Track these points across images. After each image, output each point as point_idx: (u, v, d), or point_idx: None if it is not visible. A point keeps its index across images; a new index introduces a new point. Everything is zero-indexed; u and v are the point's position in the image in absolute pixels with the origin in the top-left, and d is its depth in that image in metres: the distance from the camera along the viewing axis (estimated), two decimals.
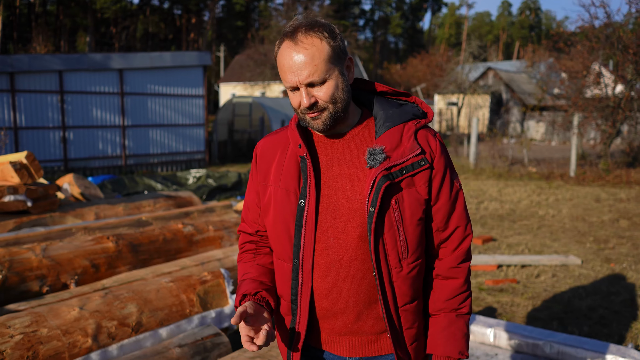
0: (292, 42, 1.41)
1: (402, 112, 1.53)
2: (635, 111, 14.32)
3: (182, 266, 4.07)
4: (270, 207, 1.54)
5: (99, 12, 47.49)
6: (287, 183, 1.51)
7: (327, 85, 1.42)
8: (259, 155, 1.63)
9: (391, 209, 1.44)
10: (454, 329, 1.55)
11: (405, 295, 1.50)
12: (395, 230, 1.45)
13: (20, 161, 5.22)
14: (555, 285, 5.13)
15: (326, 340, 1.56)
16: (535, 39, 72.43)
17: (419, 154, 1.46)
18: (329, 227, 1.47)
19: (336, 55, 1.43)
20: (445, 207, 1.52)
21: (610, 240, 7.05)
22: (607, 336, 3.93)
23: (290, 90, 1.46)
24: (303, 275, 1.49)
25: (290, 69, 1.41)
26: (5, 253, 3.54)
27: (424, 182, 1.47)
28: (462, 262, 1.56)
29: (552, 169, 15.11)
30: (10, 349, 2.43)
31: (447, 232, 1.55)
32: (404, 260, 1.47)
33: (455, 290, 1.55)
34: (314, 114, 1.44)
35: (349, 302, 1.48)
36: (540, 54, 31.81)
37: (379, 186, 1.41)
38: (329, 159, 1.51)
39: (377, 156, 1.44)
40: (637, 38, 13.53)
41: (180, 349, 2.77)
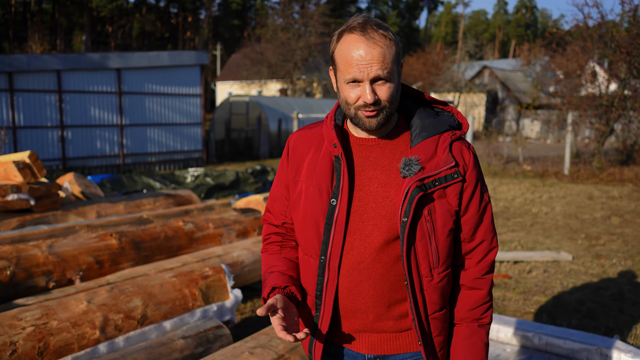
0: (363, 37, 1.39)
1: (439, 122, 1.53)
2: (628, 110, 14.47)
3: (184, 262, 4.19)
4: (301, 203, 1.56)
5: (95, 11, 47.44)
6: (319, 181, 1.52)
7: (389, 85, 1.42)
8: (292, 148, 1.63)
9: (423, 219, 1.45)
10: (476, 339, 1.57)
11: (435, 304, 1.52)
12: (427, 240, 1.46)
13: (23, 160, 5.33)
14: (546, 281, 5.27)
15: (346, 336, 1.59)
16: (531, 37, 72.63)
17: (453, 167, 1.47)
18: (356, 229, 1.49)
19: (397, 59, 1.43)
20: (473, 219, 1.53)
21: (601, 237, 7.20)
22: (594, 328, 4.07)
23: (348, 84, 1.43)
24: (329, 273, 1.51)
25: (358, 62, 1.39)
26: (13, 250, 3.66)
27: (456, 194, 1.49)
28: (486, 273, 1.58)
29: (546, 167, 15.27)
30: (22, 340, 2.55)
31: (474, 244, 1.57)
32: (435, 269, 1.49)
33: (479, 301, 1.58)
34: (372, 112, 1.43)
35: (369, 302, 1.51)
36: (535, 53, 31.98)
37: (412, 197, 1.42)
38: (363, 162, 1.52)
39: (412, 167, 1.44)
40: (630, 37, 13.68)
41: (183, 340, 2.89)
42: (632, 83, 14.25)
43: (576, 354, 3.46)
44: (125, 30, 50.05)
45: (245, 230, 5.19)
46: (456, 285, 1.60)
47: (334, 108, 1.61)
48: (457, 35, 74.36)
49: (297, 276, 1.63)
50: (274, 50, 31.86)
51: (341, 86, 1.46)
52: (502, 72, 33.89)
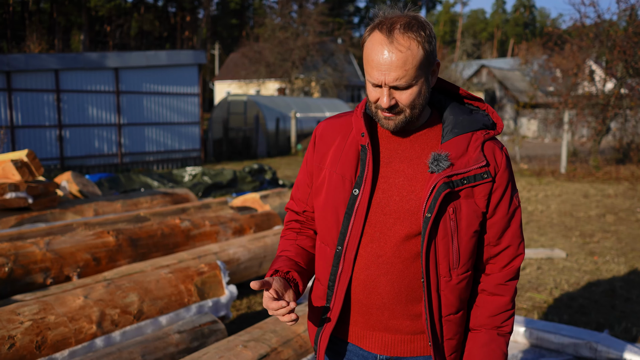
0: (387, 39, 1.34)
1: (473, 120, 1.49)
2: (624, 108, 14.55)
3: (180, 259, 4.24)
4: (323, 190, 1.53)
5: (93, 10, 47.42)
6: (343, 169, 1.49)
7: (411, 91, 1.38)
8: (319, 136, 1.60)
9: (447, 217, 1.41)
10: (494, 347, 1.50)
11: (451, 306, 1.47)
12: (449, 239, 1.42)
13: (21, 159, 5.37)
14: (540, 277, 5.33)
15: (358, 334, 1.55)
16: (530, 36, 72.74)
17: (483, 166, 1.42)
18: (377, 221, 1.46)
19: (427, 61, 1.38)
20: (500, 223, 1.48)
21: (595, 234, 7.26)
22: (585, 324, 4.13)
23: (370, 84, 1.41)
24: (344, 264, 1.48)
25: (378, 67, 1.36)
26: (11, 247, 3.70)
27: (484, 195, 1.44)
28: (510, 280, 1.52)
29: (543, 165, 15.33)
30: (20, 334, 2.60)
31: (499, 248, 1.51)
32: (454, 270, 1.44)
33: (500, 308, 1.52)
34: (389, 115, 1.42)
35: (386, 298, 1.47)
36: (533, 52, 32.06)
37: (439, 193, 1.38)
38: (390, 154, 1.49)
39: (441, 162, 1.40)
40: (627, 36, 13.75)
41: (179, 335, 2.94)
42: (629, 82, 14.32)
43: (566, 348, 3.52)
44: (124, 30, 50.06)
45: (241, 227, 5.24)
46: (477, 290, 1.55)
47: (365, 98, 1.56)
48: (456, 35, 74.44)
49: (306, 265, 1.60)
50: (272, 50, 31.90)
51: (367, 82, 1.44)
52: (500, 71, 33.97)
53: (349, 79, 35.32)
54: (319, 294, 1.57)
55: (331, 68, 32.75)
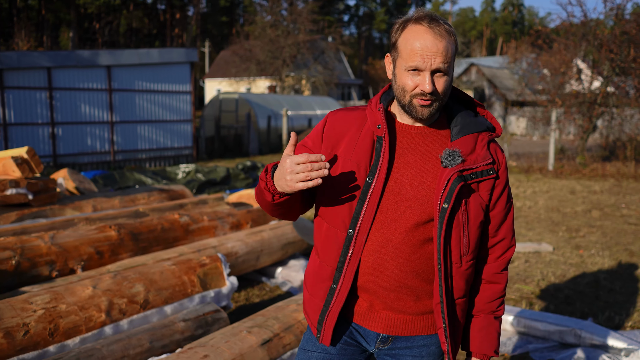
0: (431, 29, 1.46)
1: (478, 122, 1.62)
2: (611, 107, 14.82)
3: (180, 253, 4.37)
4: (336, 176, 1.59)
5: (82, 7, 47.13)
6: (359, 158, 1.57)
7: (446, 78, 1.50)
8: (330, 122, 1.66)
9: (461, 208, 1.53)
10: (492, 329, 1.68)
11: (460, 290, 1.61)
12: (461, 228, 1.54)
13: (21, 156, 5.47)
14: (527, 270, 5.51)
15: (362, 314, 1.64)
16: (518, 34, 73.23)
17: (490, 164, 1.56)
18: (389, 208, 1.55)
19: (454, 56, 1.52)
20: (498, 216, 1.63)
21: (581, 229, 7.47)
22: (570, 313, 4.31)
23: (408, 72, 1.49)
24: (355, 247, 1.56)
25: (423, 51, 1.45)
26: (17, 241, 3.81)
27: (487, 189, 1.58)
28: (504, 269, 1.68)
29: (531, 162, 15.57)
30: (34, 322, 2.72)
31: (495, 240, 1.66)
32: (464, 257, 1.58)
33: (496, 294, 1.68)
34: (427, 102, 1.50)
35: (393, 281, 1.57)
36: (522, 50, 32.37)
37: (454, 185, 1.50)
38: (404, 147, 1.59)
39: (455, 158, 1.52)
40: (613, 35, 14.01)
41: (184, 323, 3.08)
42: (615, 80, 14.59)
43: (552, 335, 3.69)
44: (113, 27, 49.81)
45: (238, 222, 5.37)
46: (477, 277, 1.69)
47: (379, 93, 1.68)
48: None
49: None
50: (263, 48, 31.95)
51: (400, 73, 1.52)
52: (489, 70, 34.27)
53: (339, 77, 35.48)
54: (325, 275, 1.64)
55: (322, 66, 32.89)
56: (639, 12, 14.94)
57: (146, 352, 2.81)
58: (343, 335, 1.68)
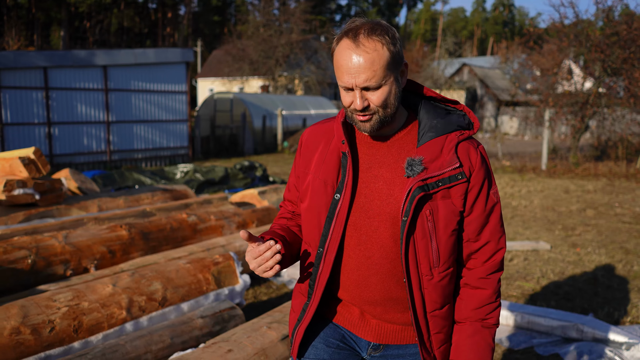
0: (354, 44, 1.41)
1: (447, 122, 1.54)
2: (602, 107, 15.02)
3: (190, 252, 4.45)
4: (308, 195, 1.61)
5: (72, 6, 46.88)
6: (325, 175, 1.56)
7: (382, 90, 1.43)
8: (304, 143, 1.67)
9: (425, 219, 1.46)
10: (478, 339, 1.55)
11: (434, 302, 1.53)
12: (428, 239, 1.47)
13: (28, 156, 5.52)
14: (527, 268, 5.64)
15: (354, 322, 1.63)
16: (509, 34, 73.76)
17: (457, 168, 1.47)
18: (362, 224, 1.52)
19: (394, 62, 1.43)
20: (478, 220, 1.53)
21: (577, 227, 7.61)
22: (571, 309, 4.43)
23: (343, 89, 1.47)
24: (324, 265, 1.55)
25: (348, 71, 1.42)
26: (31, 240, 3.88)
27: (460, 194, 1.49)
28: (491, 273, 1.57)
29: (524, 162, 15.76)
30: (59, 319, 2.80)
31: (479, 244, 1.56)
32: (435, 268, 1.50)
33: (483, 301, 1.56)
34: (364, 117, 1.46)
35: (377, 296, 1.55)
36: (513, 50, 32.65)
37: (413, 196, 1.44)
38: (370, 160, 1.54)
39: (415, 167, 1.46)
40: (605, 37, 14.21)
41: (202, 319, 3.16)
42: (607, 81, 14.80)
43: (555, 330, 3.81)
44: (104, 26, 49.59)
45: (244, 222, 5.46)
46: (461, 284, 1.61)
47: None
48: (436, 33, 75.17)
49: (290, 239, 1.66)
50: (256, 47, 31.98)
51: (340, 88, 1.49)
52: (481, 70, 34.52)
53: (332, 77, 35.55)
54: (302, 290, 1.67)
55: (314, 66, 32.96)
56: (630, 13, 15.16)
57: (167, 347, 2.89)
58: (335, 339, 1.66)
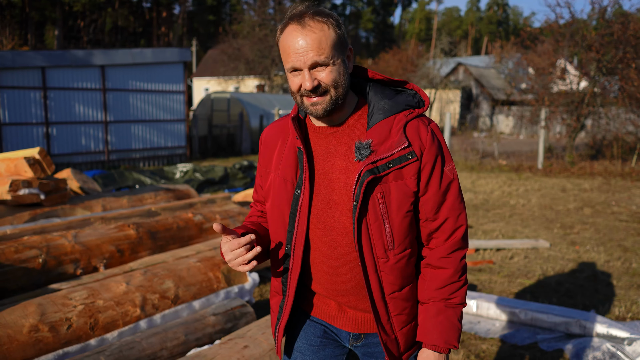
0: (299, 25, 1.41)
1: (395, 102, 1.52)
2: (598, 106, 15.15)
3: (197, 251, 4.49)
4: (270, 194, 1.62)
5: (67, 5, 46.74)
6: (285, 172, 1.56)
7: (330, 68, 1.43)
8: (263, 142, 1.68)
9: (376, 202, 1.46)
10: (442, 319, 1.53)
11: (392, 284, 1.53)
12: (381, 222, 1.47)
13: (33, 156, 5.55)
14: (527, 265, 5.72)
15: (333, 314, 1.64)
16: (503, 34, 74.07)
17: (406, 147, 1.45)
18: (325, 216, 1.52)
19: (340, 43, 1.45)
20: (434, 198, 1.51)
21: (575, 226, 7.70)
22: (572, 306, 4.51)
23: (291, 73, 1.46)
24: (294, 261, 1.55)
25: (295, 51, 1.41)
26: (42, 240, 3.92)
27: (413, 174, 1.47)
28: (453, 251, 1.55)
29: (521, 161, 15.86)
30: (75, 317, 2.85)
31: (437, 223, 1.55)
32: (390, 251, 1.50)
33: (446, 281, 1.54)
34: (315, 99, 1.45)
35: (349, 285, 1.55)
36: (508, 50, 32.80)
37: (362, 180, 1.43)
38: (324, 150, 1.54)
39: (363, 150, 1.46)
40: (600, 37, 14.34)
41: (214, 317, 3.22)
42: (602, 81, 14.92)
43: (558, 327, 3.88)
44: (98, 25, 49.44)
45: None
46: (423, 264, 1.59)
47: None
48: (431, 32, 75.34)
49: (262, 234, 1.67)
50: (252, 47, 32.01)
51: (287, 76, 1.48)
52: (476, 69, 34.65)
53: None
54: (276, 289, 1.67)
55: None
56: (625, 13, 15.29)
57: (182, 344, 2.95)
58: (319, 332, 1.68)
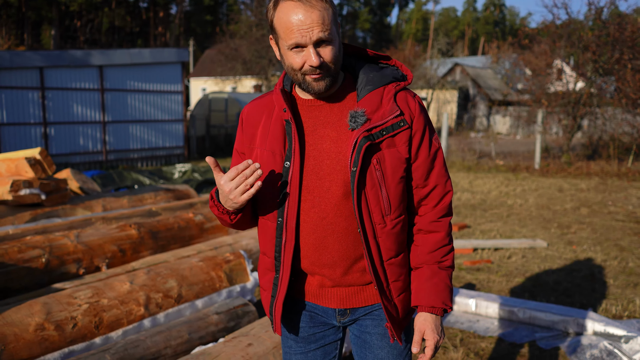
0: (300, 1, 1.41)
1: (382, 75, 1.58)
2: (594, 107, 15.23)
3: (199, 250, 4.53)
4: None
5: (63, 5, 46.64)
6: (272, 145, 1.57)
7: (332, 46, 1.46)
8: (245, 119, 1.67)
9: (373, 168, 1.50)
10: (437, 280, 1.59)
11: (390, 250, 1.58)
12: (378, 188, 1.52)
13: (34, 157, 5.58)
14: (525, 265, 5.77)
15: (314, 293, 1.65)
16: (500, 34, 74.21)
17: (398, 115, 1.51)
18: (314, 186, 1.54)
19: (335, 20, 1.47)
20: (424, 165, 1.58)
21: (572, 225, 7.76)
22: (570, 304, 4.56)
23: (291, 50, 1.46)
24: (287, 234, 1.56)
25: (300, 27, 1.41)
26: (45, 239, 3.95)
27: (404, 141, 1.53)
28: (442, 216, 1.63)
29: (518, 161, 15.93)
30: (80, 315, 2.88)
31: (427, 189, 1.61)
32: (387, 216, 1.55)
33: (437, 244, 1.61)
34: (318, 75, 1.47)
35: (336, 256, 1.57)
36: (504, 50, 32.91)
37: (360, 146, 1.47)
38: (313, 122, 1.57)
39: (358, 118, 1.49)
40: (596, 38, 14.41)
41: (217, 315, 3.25)
42: (598, 82, 15.01)
43: (556, 325, 3.93)
44: (94, 25, 49.36)
45: None
46: (414, 231, 1.65)
47: (282, 75, 1.65)
48: (428, 32, 75.47)
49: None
50: (249, 47, 32.02)
51: (285, 53, 1.48)
52: (473, 69, 34.74)
53: None
54: (267, 266, 1.67)
55: None
56: (621, 14, 15.38)
57: (186, 342, 2.98)
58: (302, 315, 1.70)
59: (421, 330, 1.58)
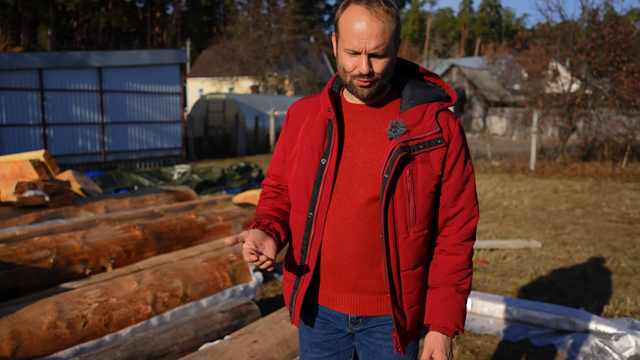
0: (368, 10, 1.46)
1: (428, 92, 1.62)
2: (589, 108, 15.38)
3: (201, 251, 4.63)
4: (295, 163, 1.67)
5: (60, 5, 46.60)
6: (312, 142, 1.63)
7: (386, 60, 1.51)
8: (291, 115, 1.75)
9: (404, 179, 1.54)
10: (453, 302, 1.62)
11: (408, 261, 1.60)
12: (406, 198, 1.55)
13: (38, 159, 5.67)
14: (520, 265, 5.89)
15: (328, 296, 1.68)
16: (496, 35, 74.52)
17: (437, 133, 1.56)
18: (344, 187, 1.59)
19: (397, 35, 1.52)
20: (455, 186, 1.61)
21: (566, 226, 7.90)
22: (563, 303, 4.69)
23: (348, 53, 1.52)
24: (315, 228, 1.61)
25: (359, 35, 1.46)
26: (52, 240, 4.05)
27: (439, 159, 1.57)
28: (466, 240, 1.65)
29: (513, 163, 16.08)
30: (90, 314, 2.99)
31: (454, 210, 1.64)
32: (411, 228, 1.58)
33: (457, 266, 1.64)
34: (365, 82, 1.53)
35: (352, 258, 1.59)
36: (500, 51, 33.09)
37: (396, 155, 1.51)
38: (354, 126, 1.62)
39: (398, 129, 1.54)
40: (591, 40, 14.57)
41: (222, 314, 3.36)
42: (593, 83, 15.16)
43: (549, 323, 4.05)
44: (91, 25, 49.34)
45: (250, 222, 5.65)
46: (436, 250, 1.68)
47: (333, 77, 1.73)
48: (424, 33, 75.67)
49: (285, 219, 1.74)
50: (246, 48, 32.14)
51: (340, 53, 1.54)
52: (470, 71, 34.92)
53: (322, 77, 35.82)
54: (293, 259, 1.72)
55: (304, 66, 33.20)
56: (615, 15, 15.54)
57: (192, 340, 3.09)
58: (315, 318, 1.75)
59: (430, 348, 1.62)
